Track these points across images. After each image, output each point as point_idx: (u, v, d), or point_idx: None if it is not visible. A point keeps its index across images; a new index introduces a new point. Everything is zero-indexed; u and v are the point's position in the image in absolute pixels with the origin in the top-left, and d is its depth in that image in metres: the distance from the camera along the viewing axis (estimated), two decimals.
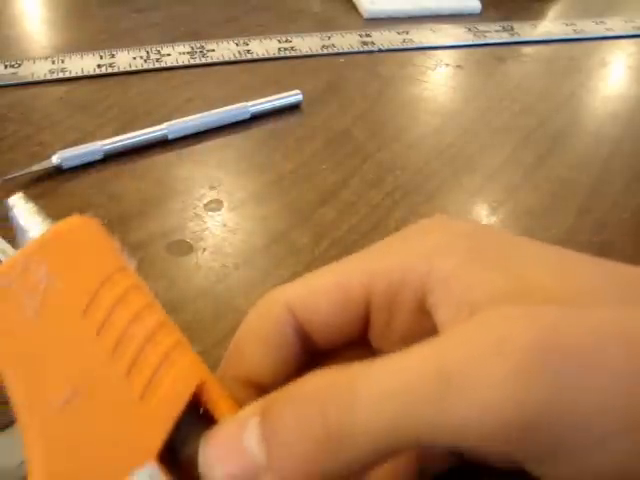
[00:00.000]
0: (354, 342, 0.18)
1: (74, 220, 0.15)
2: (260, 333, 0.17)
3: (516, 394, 0.12)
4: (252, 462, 0.13)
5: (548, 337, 0.13)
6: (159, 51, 0.44)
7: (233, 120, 0.37)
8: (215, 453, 0.14)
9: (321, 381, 0.14)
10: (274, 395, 0.14)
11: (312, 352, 0.18)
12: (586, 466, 0.13)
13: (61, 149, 0.33)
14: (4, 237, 0.27)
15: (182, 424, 0.14)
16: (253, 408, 0.14)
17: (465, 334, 0.13)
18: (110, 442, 0.14)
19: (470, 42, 0.51)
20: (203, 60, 0.44)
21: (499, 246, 0.16)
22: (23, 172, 0.31)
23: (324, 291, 0.17)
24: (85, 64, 0.42)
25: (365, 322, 0.17)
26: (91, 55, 0.43)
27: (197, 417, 0.15)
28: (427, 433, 0.13)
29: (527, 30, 0.54)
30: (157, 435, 0.14)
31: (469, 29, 0.53)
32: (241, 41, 0.47)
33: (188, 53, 0.44)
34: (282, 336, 0.17)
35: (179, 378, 0.15)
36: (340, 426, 0.13)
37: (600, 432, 0.12)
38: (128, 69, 0.42)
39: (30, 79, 0.39)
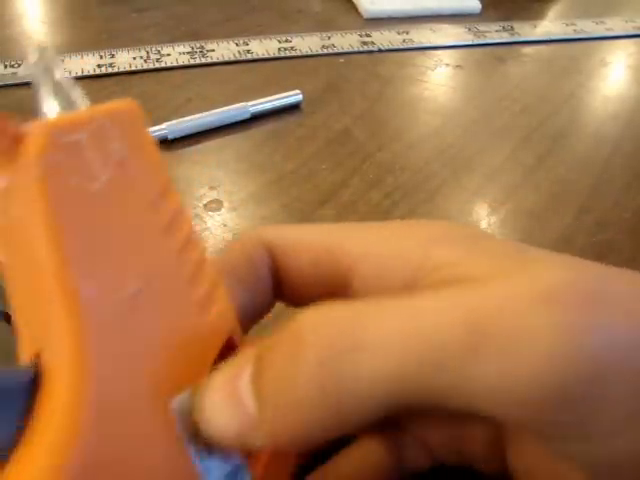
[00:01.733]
0: None
1: (130, 103, 0.13)
2: (235, 264, 0.16)
3: (559, 350, 0.10)
4: (247, 415, 0.12)
5: (595, 290, 0.11)
6: (159, 51, 0.44)
7: (233, 120, 0.37)
8: (209, 403, 0.12)
9: (317, 317, 0.12)
10: (269, 338, 0.12)
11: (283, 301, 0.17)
12: (611, 450, 0.11)
13: None
14: None
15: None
16: (248, 354, 0.13)
17: (498, 283, 0.11)
18: (166, 348, 0.12)
19: (470, 42, 0.51)
20: (203, 60, 0.44)
21: (497, 240, 0.15)
22: None
23: (309, 248, 0.16)
24: (85, 64, 0.42)
25: (342, 294, 0.16)
26: (91, 55, 0.43)
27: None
28: (444, 391, 0.11)
29: (527, 30, 0.54)
30: (207, 355, 0.13)
31: (469, 29, 0.53)
32: (241, 41, 0.47)
33: (188, 53, 0.44)
34: (256, 272, 0.16)
35: (225, 308, 0.14)
36: (339, 375, 0.11)
37: (632, 413, 0.10)
38: (128, 69, 0.42)
39: (30, 79, 0.39)
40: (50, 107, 0.12)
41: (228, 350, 0.14)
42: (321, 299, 0.17)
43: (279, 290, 0.17)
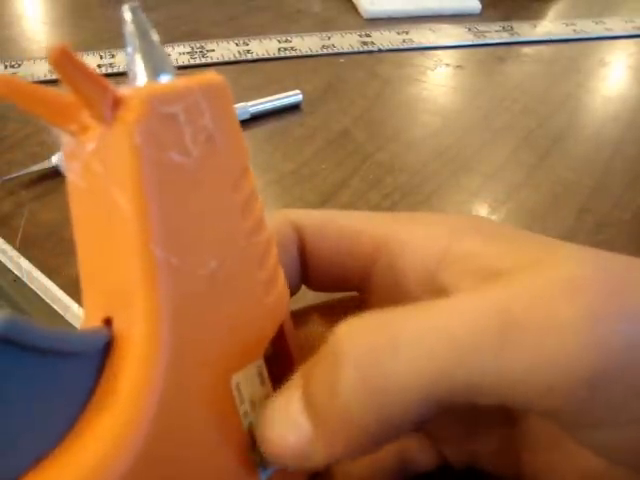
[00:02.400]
0: (349, 300, 0.18)
1: (219, 77, 0.12)
2: None
3: (590, 339, 0.10)
4: (303, 435, 0.12)
5: (622, 280, 0.11)
6: None
7: None
8: (269, 431, 0.13)
9: (352, 327, 0.12)
10: (315, 356, 0.13)
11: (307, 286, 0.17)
12: None
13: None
14: (4, 237, 0.27)
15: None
16: (296, 376, 0.13)
17: (528, 276, 0.12)
18: (232, 326, 0.12)
19: (470, 42, 0.51)
20: (203, 60, 0.44)
21: (519, 231, 0.15)
22: (23, 172, 0.31)
23: (337, 229, 0.16)
24: None
25: (365, 278, 0.16)
26: (91, 55, 0.43)
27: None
28: (480, 384, 0.11)
29: (527, 30, 0.54)
30: (266, 335, 0.13)
31: (469, 29, 0.53)
32: (241, 41, 0.47)
33: (188, 53, 0.44)
34: (286, 252, 0.16)
35: (283, 292, 0.14)
36: (379, 378, 0.11)
37: None
38: None
39: (30, 79, 0.39)
40: (146, 72, 0.12)
41: (278, 336, 0.14)
42: (344, 284, 0.17)
43: (304, 273, 0.17)
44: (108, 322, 0.11)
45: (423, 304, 0.12)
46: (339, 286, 0.18)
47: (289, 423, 0.12)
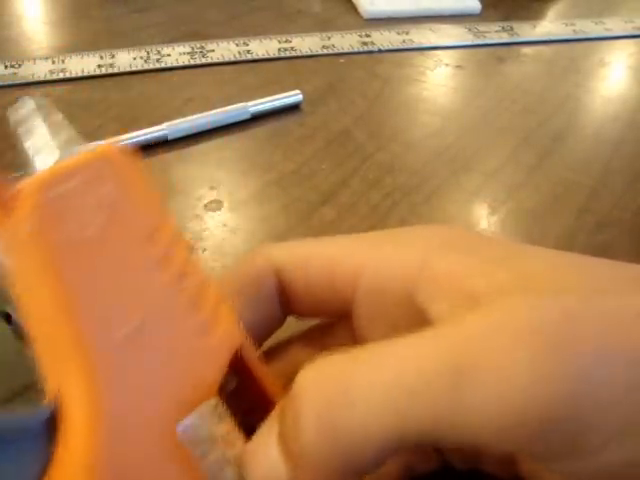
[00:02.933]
0: (336, 323, 0.18)
1: (117, 147, 0.13)
2: (242, 284, 0.17)
3: (537, 385, 0.11)
4: (280, 474, 0.13)
5: (565, 325, 0.12)
6: (159, 51, 0.44)
7: (233, 120, 0.37)
8: (252, 473, 0.13)
9: (313, 375, 0.13)
10: (285, 398, 0.13)
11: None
12: (600, 463, 0.12)
13: None
14: None
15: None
16: (274, 418, 0.13)
17: (476, 322, 0.12)
18: (172, 376, 0.13)
19: (470, 42, 0.51)
20: (203, 60, 0.44)
21: (495, 245, 0.15)
22: (23, 172, 0.31)
23: (314, 263, 0.17)
24: (85, 64, 0.42)
25: (348, 305, 0.17)
26: (91, 55, 0.43)
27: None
28: (437, 429, 0.11)
29: (527, 30, 0.54)
30: (213, 375, 0.14)
31: (469, 29, 0.53)
32: (241, 41, 0.47)
33: (188, 53, 0.44)
34: (263, 290, 0.17)
35: (230, 323, 0.14)
36: (336, 428, 0.12)
37: (615, 427, 0.11)
38: (128, 69, 0.42)
39: (30, 79, 0.39)
40: (41, 161, 0.13)
41: (239, 362, 0.15)
42: (329, 312, 0.17)
43: (289, 306, 0.17)
44: (58, 390, 0.12)
45: (377, 347, 0.13)
46: (325, 315, 0.18)
47: (269, 465, 0.13)
